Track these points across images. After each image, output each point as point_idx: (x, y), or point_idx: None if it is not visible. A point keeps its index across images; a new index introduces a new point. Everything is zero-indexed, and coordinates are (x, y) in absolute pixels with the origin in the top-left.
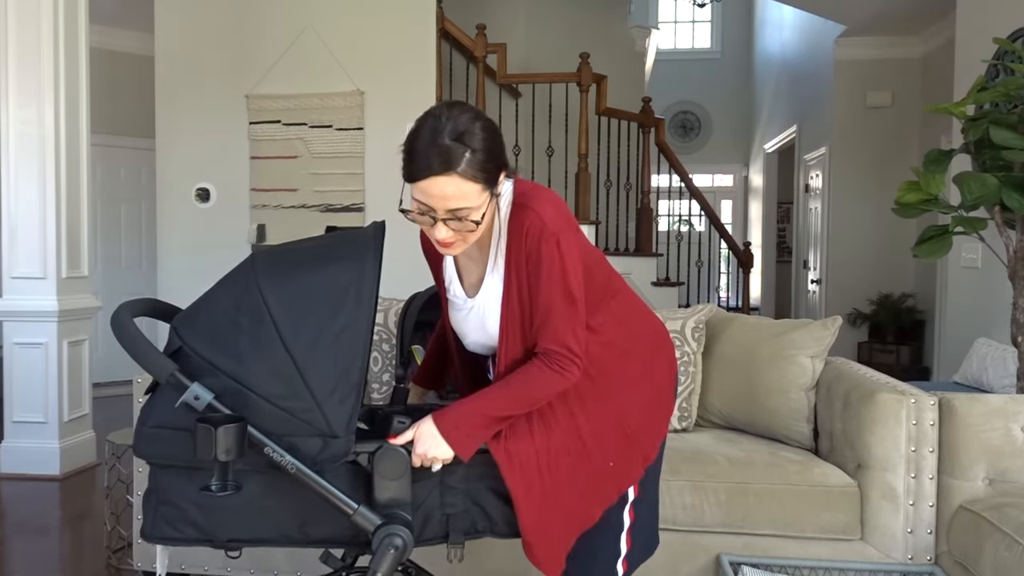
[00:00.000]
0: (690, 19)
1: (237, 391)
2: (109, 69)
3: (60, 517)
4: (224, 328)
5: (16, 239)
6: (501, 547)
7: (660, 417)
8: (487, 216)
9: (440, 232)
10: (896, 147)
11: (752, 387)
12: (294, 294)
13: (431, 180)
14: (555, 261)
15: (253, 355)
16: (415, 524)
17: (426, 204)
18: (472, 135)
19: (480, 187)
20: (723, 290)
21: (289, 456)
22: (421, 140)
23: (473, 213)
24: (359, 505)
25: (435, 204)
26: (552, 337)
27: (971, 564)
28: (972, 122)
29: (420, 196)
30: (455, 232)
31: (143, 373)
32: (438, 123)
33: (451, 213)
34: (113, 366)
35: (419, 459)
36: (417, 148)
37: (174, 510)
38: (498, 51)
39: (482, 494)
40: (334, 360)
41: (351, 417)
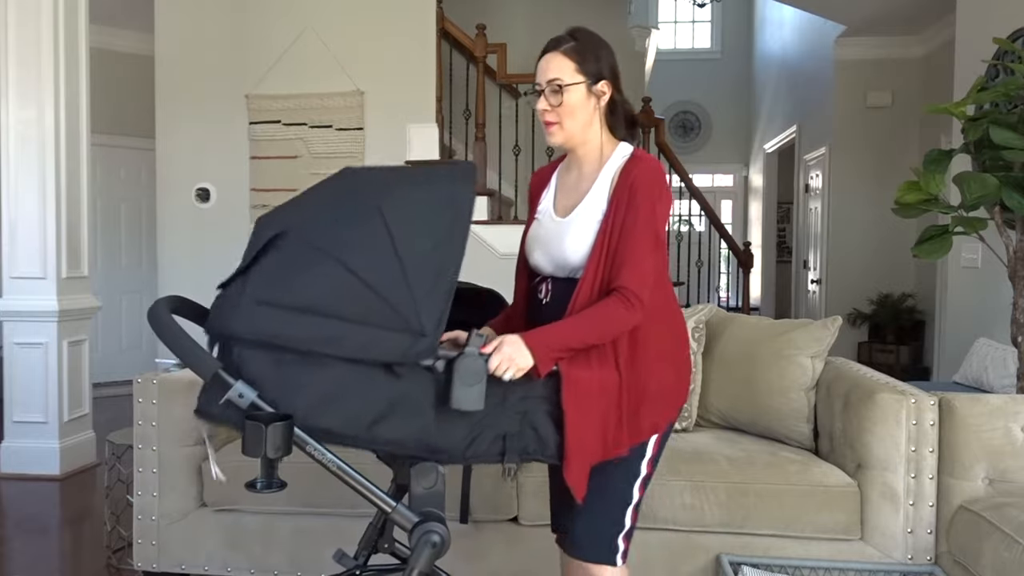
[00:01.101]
0: (690, 19)
1: (342, 276)
2: (109, 69)
3: (60, 517)
4: (330, 220)
5: (16, 239)
6: (501, 546)
7: (675, 401)
8: (578, 103)
9: (541, 103)
10: (896, 147)
11: (752, 387)
12: (401, 201)
13: (542, 59)
14: (654, 206)
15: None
16: (477, 439)
17: (536, 83)
18: (582, 33)
19: (574, 67)
20: (723, 290)
21: (329, 454)
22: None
23: (565, 86)
24: (397, 504)
25: (540, 78)
26: (630, 275)
27: (971, 564)
28: (972, 122)
29: (536, 77)
30: (552, 108)
31: (143, 373)
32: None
33: (549, 84)
34: (113, 366)
35: (500, 359)
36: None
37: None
38: (498, 51)
39: (538, 416)
40: (433, 264)
41: (441, 319)
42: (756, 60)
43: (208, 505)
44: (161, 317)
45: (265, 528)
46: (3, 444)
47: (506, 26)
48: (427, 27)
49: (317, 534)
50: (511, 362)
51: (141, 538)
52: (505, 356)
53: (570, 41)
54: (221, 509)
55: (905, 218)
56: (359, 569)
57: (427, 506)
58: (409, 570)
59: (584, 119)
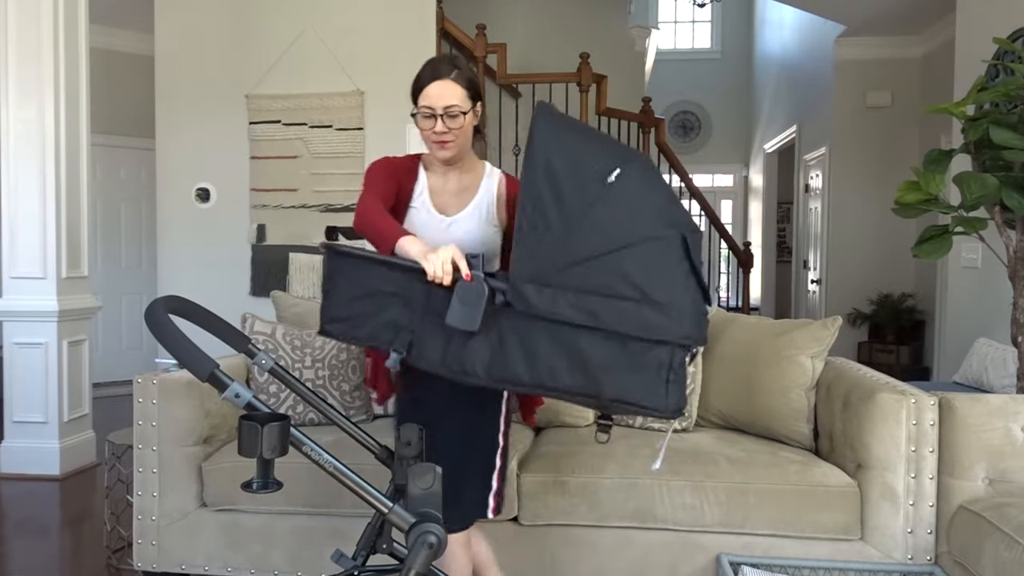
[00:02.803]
0: (690, 19)
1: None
2: (109, 69)
3: (60, 517)
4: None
5: (16, 239)
6: (501, 547)
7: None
8: (468, 124)
9: (439, 126)
10: (896, 147)
11: (752, 387)
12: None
13: (432, 84)
14: None
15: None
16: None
17: (429, 106)
18: (460, 61)
19: (465, 93)
20: (723, 290)
21: (327, 455)
22: (431, 63)
23: (460, 113)
24: (393, 504)
25: (435, 103)
26: None
27: (971, 564)
28: (972, 122)
29: (425, 101)
30: (449, 130)
31: (143, 373)
32: (442, 56)
33: (446, 110)
34: (113, 366)
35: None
36: (430, 65)
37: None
38: (498, 51)
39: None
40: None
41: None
42: (756, 60)
43: (208, 505)
44: (158, 317)
45: (265, 528)
46: (3, 444)
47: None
48: (427, 27)
49: (316, 534)
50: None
51: (141, 538)
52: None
53: (455, 69)
54: (221, 509)
55: (905, 218)
56: (357, 569)
57: (424, 507)
58: (406, 571)
59: (468, 137)
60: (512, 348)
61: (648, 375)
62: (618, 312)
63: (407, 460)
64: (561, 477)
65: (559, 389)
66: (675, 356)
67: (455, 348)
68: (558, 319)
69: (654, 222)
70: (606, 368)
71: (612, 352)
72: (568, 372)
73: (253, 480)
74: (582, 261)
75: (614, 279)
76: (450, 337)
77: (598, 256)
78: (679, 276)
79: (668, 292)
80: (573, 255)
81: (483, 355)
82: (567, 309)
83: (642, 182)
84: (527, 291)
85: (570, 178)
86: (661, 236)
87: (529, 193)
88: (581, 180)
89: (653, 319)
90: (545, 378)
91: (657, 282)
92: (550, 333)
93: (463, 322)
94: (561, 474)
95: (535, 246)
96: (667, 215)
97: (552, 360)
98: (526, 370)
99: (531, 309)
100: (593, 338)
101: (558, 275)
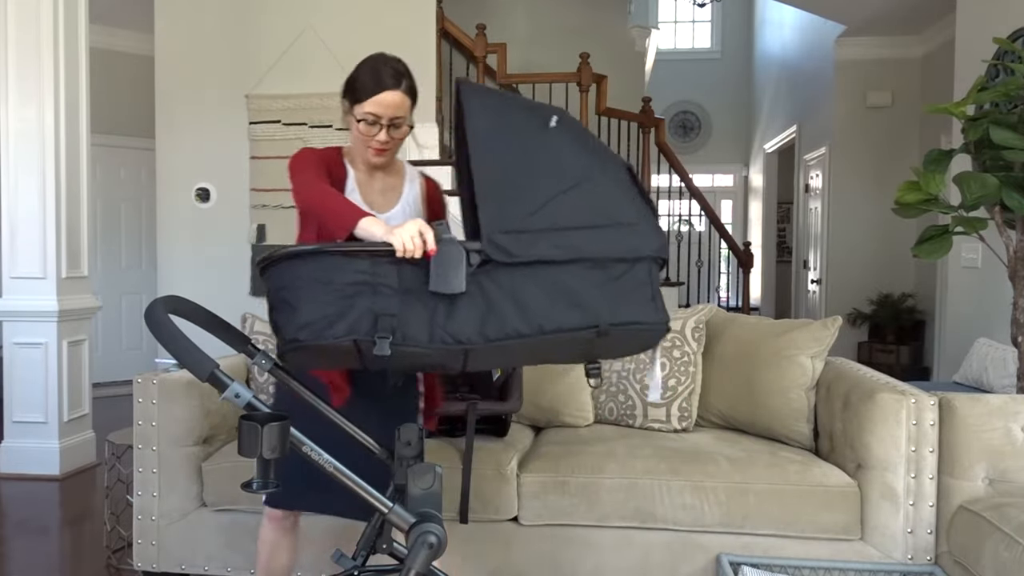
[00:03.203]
0: (690, 19)
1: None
2: (109, 69)
3: (60, 517)
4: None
5: (16, 239)
6: (501, 546)
7: None
8: (406, 132)
9: (383, 136)
10: (896, 147)
11: (752, 387)
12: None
13: (385, 93)
14: None
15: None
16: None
17: (375, 114)
18: (403, 67)
19: (410, 104)
20: (723, 290)
21: (326, 455)
22: (377, 69)
23: (403, 124)
24: (393, 504)
25: (383, 112)
26: None
27: (971, 564)
28: (972, 122)
29: (372, 108)
30: (391, 139)
31: (143, 373)
32: (386, 59)
33: (391, 121)
34: (113, 366)
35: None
36: (378, 72)
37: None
38: (498, 51)
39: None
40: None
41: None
42: (756, 60)
43: (208, 505)
44: (158, 317)
45: None
46: (3, 444)
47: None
48: (427, 27)
49: (317, 534)
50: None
51: (141, 538)
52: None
53: (406, 79)
54: (221, 509)
55: (905, 218)
56: (357, 569)
57: (424, 507)
58: (406, 570)
59: (402, 143)
60: (502, 304)
61: (637, 294)
62: (600, 239)
63: (407, 460)
64: (561, 477)
65: (561, 330)
66: (652, 271)
67: (442, 320)
68: (542, 260)
69: (602, 155)
70: (599, 297)
71: (599, 280)
72: (565, 311)
73: (253, 480)
74: (549, 201)
75: (585, 211)
76: (434, 311)
77: (564, 192)
78: (637, 198)
79: (634, 212)
80: (539, 198)
81: (473, 320)
82: (549, 249)
83: (578, 125)
84: (504, 241)
85: (515, 132)
86: (612, 166)
87: (479, 153)
88: (527, 130)
89: (631, 239)
90: (544, 323)
91: (623, 206)
92: (535, 279)
93: (448, 286)
94: (561, 474)
95: (500, 198)
96: (606, 153)
97: (545, 304)
98: (522, 321)
99: (513, 258)
100: (579, 271)
101: (530, 219)
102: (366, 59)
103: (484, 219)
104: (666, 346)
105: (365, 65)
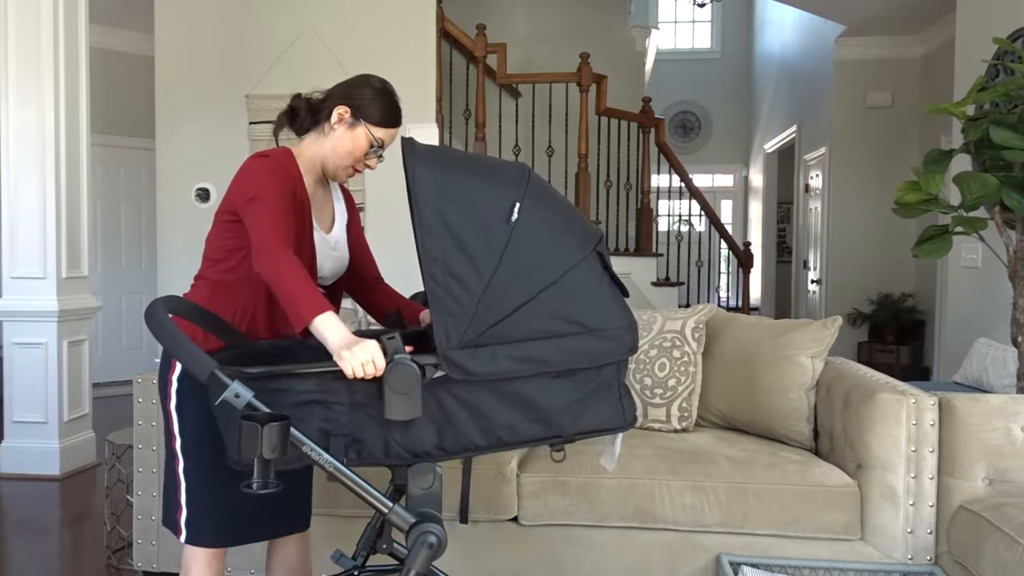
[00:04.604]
0: (690, 19)
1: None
2: (109, 69)
3: (60, 517)
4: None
5: (16, 239)
6: (501, 546)
7: None
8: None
9: (374, 162)
10: (896, 147)
11: (752, 387)
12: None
13: (399, 128)
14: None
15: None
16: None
17: (382, 142)
18: None
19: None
20: (723, 290)
21: (327, 456)
22: (395, 102)
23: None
24: (393, 505)
25: (387, 144)
26: (376, 268)
27: (971, 564)
28: (972, 122)
29: (385, 136)
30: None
31: (143, 373)
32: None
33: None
34: (113, 366)
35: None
36: (396, 105)
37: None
38: (498, 51)
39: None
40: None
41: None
42: (756, 60)
43: None
44: (158, 317)
45: None
46: (3, 444)
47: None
48: (427, 27)
49: (317, 534)
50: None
51: (141, 538)
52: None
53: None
54: None
55: (905, 218)
56: (357, 570)
57: (424, 507)
58: (406, 571)
59: None
60: (460, 418)
61: (603, 399)
62: (565, 350)
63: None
64: (561, 477)
65: (521, 442)
66: (620, 371)
67: (398, 436)
68: (503, 377)
69: (568, 247)
70: (563, 408)
71: (564, 390)
72: (527, 424)
73: (253, 480)
74: (511, 312)
75: (549, 320)
76: (388, 427)
77: (526, 302)
78: (606, 293)
79: (604, 315)
80: (500, 309)
81: (430, 434)
82: (510, 364)
83: (542, 207)
84: (461, 358)
85: (471, 227)
86: (579, 261)
87: (432, 256)
88: (484, 227)
89: (599, 347)
90: (504, 436)
91: (592, 309)
92: (495, 391)
93: (404, 412)
94: (561, 474)
95: (456, 310)
96: (574, 232)
97: (506, 417)
98: (481, 435)
99: (472, 377)
100: (542, 382)
101: (489, 333)
102: (383, 87)
103: (438, 332)
104: (666, 346)
105: (385, 94)
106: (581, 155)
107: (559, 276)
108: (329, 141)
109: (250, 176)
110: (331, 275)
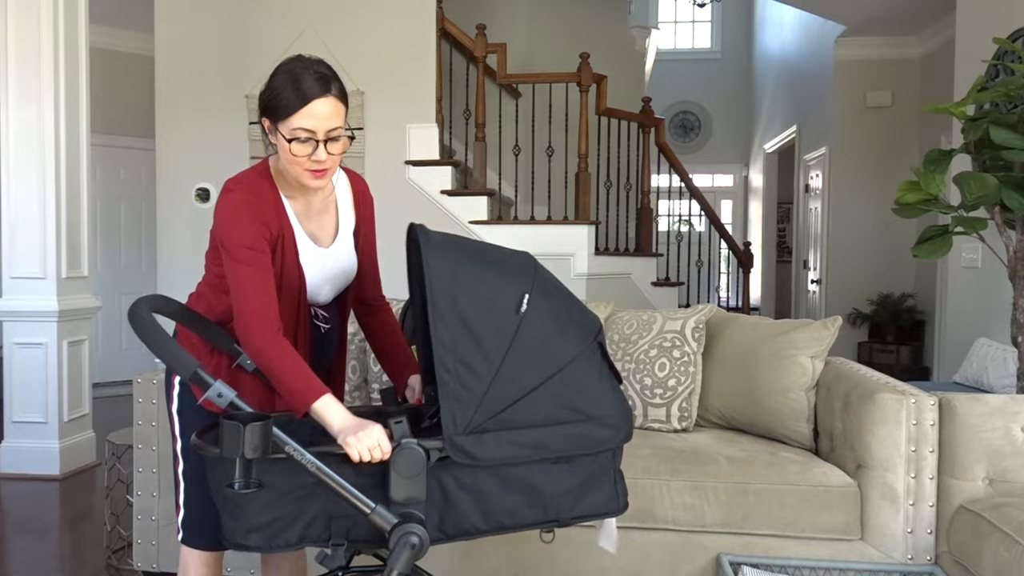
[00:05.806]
0: (690, 19)
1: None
2: (109, 69)
3: (60, 517)
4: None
5: (16, 239)
6: (501, 546)
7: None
8: (345, 146)
9: (322, 154)
10: (896, 147)
11: (752, 387)
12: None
13: (315, 102)
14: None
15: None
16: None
17: (308, 130)
18: (326, 67)
19: (344, 111)
20: (723, 290)
21: (309, 455)
22: (298, 76)
23: (342, 135)
24: (376, 504)
25: (318, 126)
26: (380, 286)
27: (971, 564)
28: (972, 122)
29: (303, 123)
30: (330, 156)
31: (143, 373)
32: (305, 63)
33: (328, 134)
34: (113, 366)
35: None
36: (299, 79)
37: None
38: (498, 51)
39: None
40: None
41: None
42: (756, 60)
43: None
44: (142, 316)
45: None
46: (3, 444)
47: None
48: (427, 27)
49: None
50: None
51: (141, 538)
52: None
53: (334, 82)
54: None
55: (905, 218)
56: (342, 570)
57: (407, 508)
58: (388, 571)
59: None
60: (461, 501)
61: (601, 484)
62: (566, 437)
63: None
64: None
65: (521, 527)
66: (616, 457)
67: None
68: (505, 463)
69: (572, 338)
70: (562, 493)
71: (563, 475)
72: (528, 508)
73: (235, 480)
74: (517, 400)
75: (553, 408)
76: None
77: (532, 390)
78: (605, 382)
79: (604, 403)
80: (506, 397)
81: (432, 517)
82: (513, 449)
83: (548, 299)
84: (466, 444)
85: (484, 317)
86: (582, 351)
87: (445, 345)
88: (496, 317)
89: (599, 434)
90: (505, 520)
91: (592, 398)
92: (497, 475)
93: (410, 495)
94: None
95: (464, 397)
96: (576, 323)
97: (507, 501)
98: (481, 519)
99: (476, 462)
100: (542, 467)
101: (495, 419)
102: (280, 66)
103: (445, 418)
104: (666, 346)
105: (282, 74)
106: (581, 155)
107: (563, 365)
108: (281, 155)
109: (218, 219)
110: (333, 292)
